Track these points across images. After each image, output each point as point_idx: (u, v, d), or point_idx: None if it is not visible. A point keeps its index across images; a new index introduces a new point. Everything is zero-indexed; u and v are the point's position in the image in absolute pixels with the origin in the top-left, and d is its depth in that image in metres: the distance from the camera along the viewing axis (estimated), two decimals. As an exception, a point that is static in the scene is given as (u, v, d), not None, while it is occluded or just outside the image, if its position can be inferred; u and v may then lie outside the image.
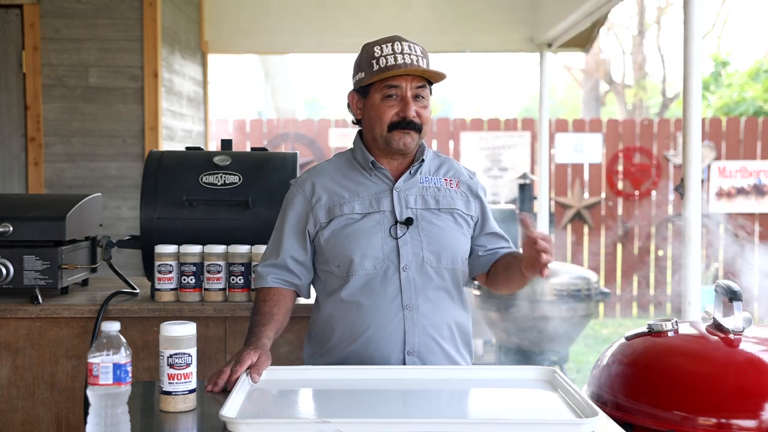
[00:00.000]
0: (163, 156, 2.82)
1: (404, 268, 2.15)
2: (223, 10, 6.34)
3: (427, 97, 2.20)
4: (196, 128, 6.06)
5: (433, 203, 2.22)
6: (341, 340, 2.18)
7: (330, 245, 2.19)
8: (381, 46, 2.16)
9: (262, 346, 2.03)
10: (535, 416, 1.75)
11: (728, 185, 8.32)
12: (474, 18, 6.46)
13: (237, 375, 1.92)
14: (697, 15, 3.25)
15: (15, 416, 2.61)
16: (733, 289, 2.14)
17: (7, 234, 2.61)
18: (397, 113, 2.15)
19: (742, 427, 1.92)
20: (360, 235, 2.16)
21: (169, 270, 2.63)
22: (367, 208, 2.19)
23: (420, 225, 2.18)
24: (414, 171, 2.24)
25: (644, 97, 16.44)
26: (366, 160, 2.23)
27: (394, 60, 2.12)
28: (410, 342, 2.14)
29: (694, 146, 3.25)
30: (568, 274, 5.48)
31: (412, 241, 2.17)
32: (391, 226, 2.17)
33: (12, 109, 4.82)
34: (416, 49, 2.17)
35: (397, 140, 2.16)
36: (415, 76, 2.15)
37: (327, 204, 2.21)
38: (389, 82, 2.15)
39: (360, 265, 2.15)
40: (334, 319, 2.19)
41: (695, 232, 3.26)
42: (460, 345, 2.24)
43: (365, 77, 2.17)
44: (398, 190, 2.21)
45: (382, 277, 2.15)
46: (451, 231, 2.22)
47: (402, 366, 2.12)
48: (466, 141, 8.46)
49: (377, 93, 2.17)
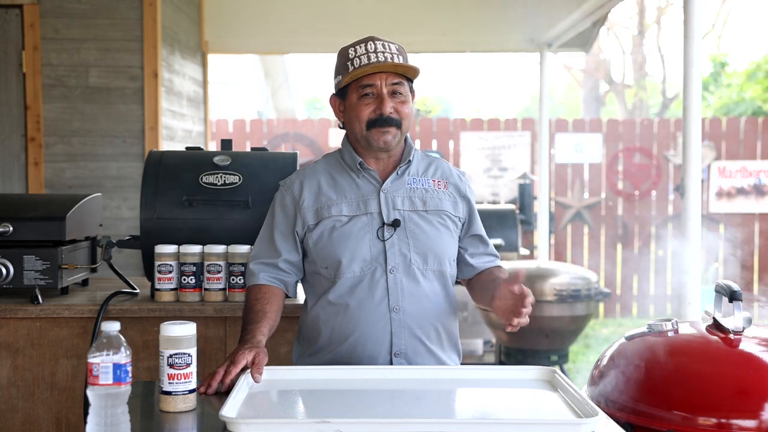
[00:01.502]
0: (163, 156, 2.82)
1: (391, 270, 2.15)
2: (223, 10, 6.34)
3: (405, 93, 2.19)
4: (196, 128, 6.06)
5: (420, 205, 2.22)
6: (329, 341, 2.18)
7: (318, 248, 2.20)
8: (355, 47, 2.18)
9: (257, 344, 2.03)
10: (535, 416, 1.75)
11: (728, 185, 8.32)
12: (474, 18, 6.46)
13: (231, 376, 1.90)
14: (697, 15, 3.25)
15: (15, 416, 2.61)
16: (733, 289, 2.14)
17: (7, 234, 2.61)
18: (374, 111, 2.16)
19: (742, 427, 1.92)
20: (348, 238, 2.17)
21: (169, 270, 2.63)
22: (355, 210, 2.20)
23: (407, 227, 2.19)
24: (401, 172, 2.24)
25: (644, 97, 16.44)
26: (354, 162, 2.24)
27: (367, 59, 2.14)
28: (397, 344, 2.15)
29: (694, 146, 3.26)
30: (568, 274, 5.48)
31: (399, 243, 2.17)
32: (378, 228, 2.17)
33: (12, 109, 4.82)
34: (391, 47, 2.18)
35: (377, 139, 2.17)
36: (391, 73, 2.16)
37: (315, 206, 2.22)
38: (364, 81, 2.16)
39: (348, 267, 2.15)
40: (321, 320, 2.20)
41: (695, 232, 3.26)
42: (447, 346, 2.24)
43: (342, 79, 2.19)
44: (385, 192, 2.21)
45: (369, 280, 2.15)
46: (438, 233, 2.22)
47: (402, 366, 2.12)
48: (466, 141, 8.46)
49: (354, 93, 2.18)
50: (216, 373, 1.93)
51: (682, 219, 3.31)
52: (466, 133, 8.48)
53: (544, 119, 6.61)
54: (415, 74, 2.20)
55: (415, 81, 2.25)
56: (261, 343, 2.04)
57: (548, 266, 5.69)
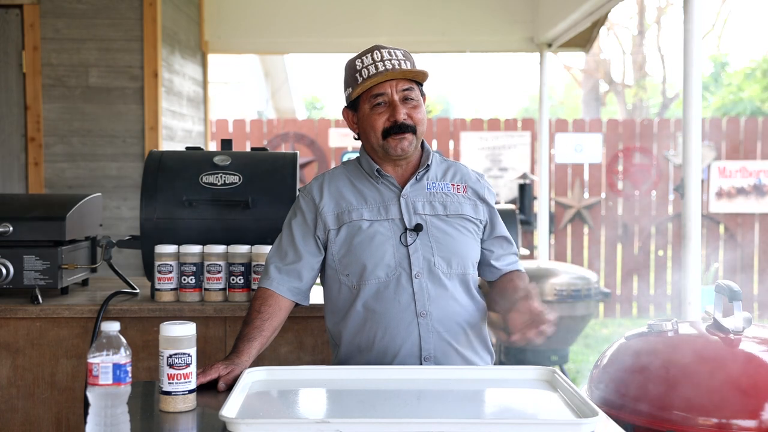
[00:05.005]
0: (163, 156, 2.82)
1: (416, 276, 2.15)
2: (223, 10, 6.35)
3: (417, 98, 2.20)
4: (196, 128, 6.06)
5: (441, 209, 2.22)
6: (359, 349, 2.18)
7: (341, 254, 2.19)
8: (362, 58, 2.18)
9: (241, 364, 2.03)
10: (535, 416, 1.75)
11: (728, 185, 8.32)
12: (474, 18, 6.46)
13: (199, 384, 1.87)
14: (697, 15, 3.25)
15: (15, 416, 2.61)
16: (733, 289, 2.14)
17: (7, 234, 2.61)
18: (388, 119, 2.16)
19: (742, 427, 1.92)
20: (371, 244, 2.16)
21: (169, 270, 2.63)
22: (376, 216, 2.19)
23: (429, 231, 2.18)
24: (420, 177, 2.24)
25: (644, 97, 16.44)
26: (371, 169, 2.24)
27: (375, 69, 2.14)
28: (426, 348, 2.15)
29: (694, 146, 3.26)
30: (568, 274, 5.48)
31: (423, 248, 2.17)
32: (401, 234, 2.17)
33: (12, 109, 4.82)
34: (397, 53, 2.18)
35: (394, 147, 2.17)
36: (400, 79, 2.16)
37: (335, 210, 2.21)
38: (374, 91, 2.16)
39: (372, 273, 2.15)
40: (348, 328, 2.20)
41: (695, 232, 3.26)
42: (478, 347, 2.24)
43: (352, 92, 2.19)
44: (405, 197, 2.21)
45: (395, 285, 2.15)
46: (461, 236, 2.21)
47: (402, 366, 2.12)
48: (466, 141, 8.46)
49: (366, 104, 2.18)
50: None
51: (682, 219, 3.31)
52: (466, 133, 8.48)
53: (544, 119, 6.61)
54: (425, 78, 2.21)
55: (424, 84, 2.25)
56: (245, 365, 2.04)
57: (548, 266, 5.68)
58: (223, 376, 1.98)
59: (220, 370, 1.99)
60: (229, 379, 1.97)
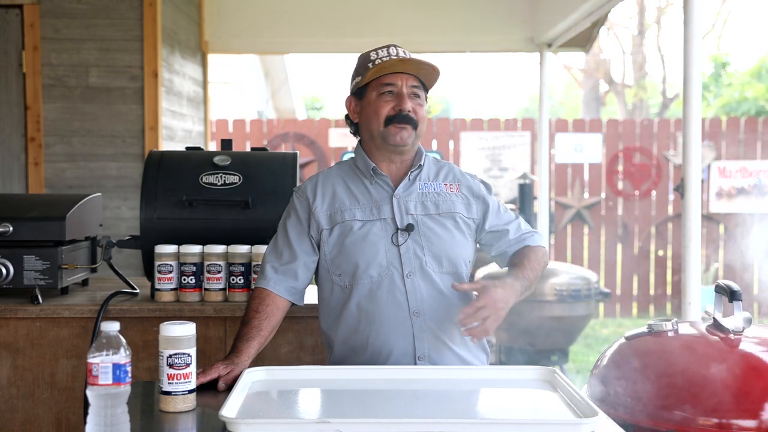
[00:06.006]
0: (163, 156, 2.82)
1: (408, 275, 2.16)
2: (223, 10, 6.34)
3: (422, 98, 2.24)
4: (196, 128, 6.06)
5: (433, 208, 2.23)
6: (353, 350, 2.19)
7: (333, 254, 2.21)
8: (377, 50, 2.23)
9: (240, 363, 2.04)
10: (535, 416, 1.75)
11: (728, 185, 8.32)
12: (474, 18, 6.46)
13: (198, 383, 1.88)
14: (697, 15, 3.25)
15: (15, 416, 2.61)
16: (733, 289, 2.14)
17: (7, 234, 2.61)
18: (393, 107, 2.18)
19: (742, 427, 1.92)
20: (363, 244, 2.17)
21: (169, 270, 2.63)
22: (368, 216, 2.21)
23: (421, 230, 2.20)
24: (413, 177, 2.26)
25: (644, 97, 16.42)
26: (367, 167, 2.25)
27: (389, 59, 2.18)
28: (420, 348, 2.15)
29: (694, 146, 3.25)
30: (568, 274, 5.49)
31: (414, 247, 2.18)
32: (393, 234, 2.18)
33: (12, 109, 4.82)
34: (412, 55, 2.23)
35: (394, 135, 2.18)
36: (412, 76, 2.20)
37: (329, 210, 2.23)
38: (385, 80, 2.19)
39: (365, 273, 2.16)
40: (342, 329, 2.20)
41: (695, 232, 3.26)
42: (473, 346, 2.24)
43: (362, 79, 2.22)
44: (398, 197, 2.22)
45: (388, 285, 2.16)
46: (452, 235, 2.22)
47: (402, 366, 2.12)
48: (466, 141, 8.46)
49: (374, 91, 2.21)
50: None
51: (682, 219, 3.31)
52: (466, 133, 8.48)
53: (544, 119, 6.61)
54: (435, 79, 2.25)
55: (429, 91, 2.29)
56: (244, 364, 2.05)
57: (548, 266, 5.68)
58: (222, 376, 1.98)
59: (220, 370, 2.00)
60: (228, 379, 1.97)
